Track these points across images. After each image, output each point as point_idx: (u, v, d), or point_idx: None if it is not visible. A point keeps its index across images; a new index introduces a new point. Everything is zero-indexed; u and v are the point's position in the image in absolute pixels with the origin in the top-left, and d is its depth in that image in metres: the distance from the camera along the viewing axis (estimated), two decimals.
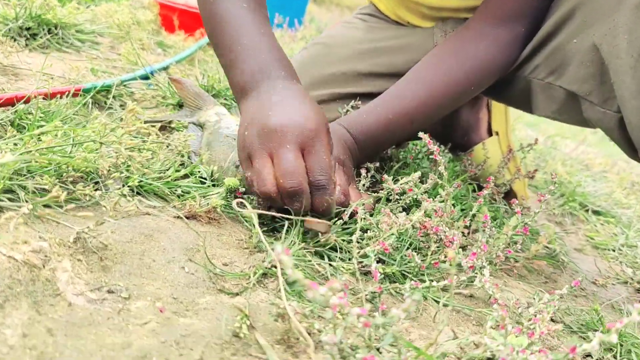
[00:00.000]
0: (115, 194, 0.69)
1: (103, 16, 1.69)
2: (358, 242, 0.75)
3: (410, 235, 0.81)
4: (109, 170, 0.76)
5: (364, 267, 0.73)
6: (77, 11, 1.52)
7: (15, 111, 0.82)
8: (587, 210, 1.57)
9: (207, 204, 0.74)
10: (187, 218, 0.73)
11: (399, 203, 0.91)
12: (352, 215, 0.80)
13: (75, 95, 0.97)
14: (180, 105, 1.10)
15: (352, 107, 1.04)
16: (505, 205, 1.20)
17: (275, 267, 0.65)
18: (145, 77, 1.21)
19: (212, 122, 0.96)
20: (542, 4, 0.94)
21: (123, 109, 1.07)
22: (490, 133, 1.41)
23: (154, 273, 0.59)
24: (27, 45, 1.35)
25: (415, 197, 0.91)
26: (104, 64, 1.36)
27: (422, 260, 0.75)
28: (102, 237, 0.61)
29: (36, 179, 0.64)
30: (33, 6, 1.40)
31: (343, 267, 0.70)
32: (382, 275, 0.72)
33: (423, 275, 0.75)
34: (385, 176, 0.88)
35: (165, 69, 1.31)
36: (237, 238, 0.73)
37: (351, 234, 0.80)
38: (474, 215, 0.94)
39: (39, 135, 0.67)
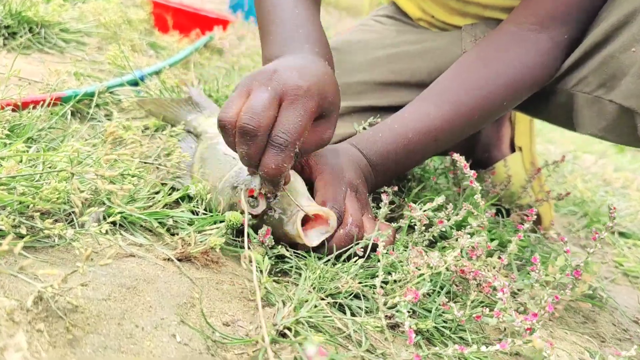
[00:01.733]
0: (93, 232, 0.56)
1: (91, 14, 1.56)
2: (382, 287, 0.63)
3: (443, 277, 0.69)
4: (85, 201, 0.63)
5: (391, 317, 0.61)
6: (62, 8, 1.39)
7: None
8: (613, 232, 1.45)
9: (204, 242, 0.62)
10: (180, 260, 0.61)
11: (424, 235, 0.78)
12: (373, 249, 0.67)
13: (53, 104, 0.84)
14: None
15: (370, 124, 0.92)
16: (537, 234, 1.08)
17: (290, 329, 0.53)
18: (135, 83, 1.08)
19: (211, 135, 0.83)
20: (591, 6, 0.82)
21: (109, 119, 0.94)
22: (512, 149, 1.30)
23: (137, 345, 0.46)
24: (5, 45, 1.21)
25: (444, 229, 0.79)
26: (90, 67, 1.22)
27: (460, 311, 0.63)
28: (72, 295, 0.48)
29: None
30: (13, 2, 1.27)
31: (369, 325, 0.57)
32: (415, 332, 0.59)
33: (463, 331, 0.63)
34: (412, 205, 0.76)
35: (157, 73, 1.18)
36: (240, 286, 0.60)
37: (373, 275, 0.67)
38: (503, 246, 0.82)
39: None
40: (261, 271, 0.58)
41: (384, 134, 0.81)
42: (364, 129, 0.91)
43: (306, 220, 0.67)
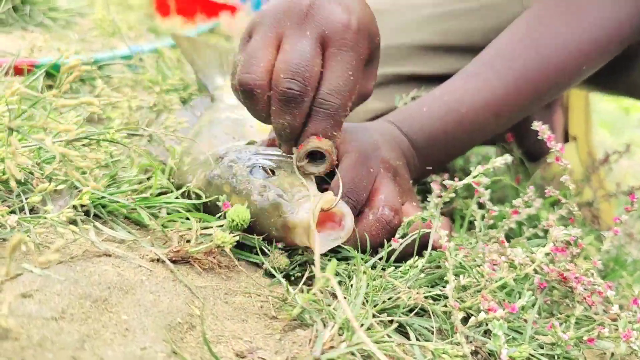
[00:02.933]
0: (50, 219, 0.39)
1: None
2: (457, 300, 0.45)
3: (531, 283, 0.51)
4: (50, 178, 0.46)
5: (470, 339, 0.43)
6: None
7: None
8: None
9: (209, 239, 0.44)
10: (174, 262, 0.43)
11: (487, 233, 0.60)
12: (423, 246, 0.50)
13: (19, 71, 0.67)
14: (183, 102, 0.80)
15: (412, 98, 0.74)
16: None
17: None
18: (128, 58, 0.92)
19: (223, 106, 0.66)
20: None
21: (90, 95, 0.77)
22: (566, 138, 1.12)
23: None
24: None
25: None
26: (80, 46, 1.06)
27: (565, 332, 0.45)
28: (4, 311, 0.31)
29: None
30: None
31: (447, 354, 0.39)
32: None
33: (570, 359, 0.45)
34: (481, 189, 0.58)
35: (155, 52, 1.02)
36: (258, 298, 0.43)
37: (432, 282, 0.50)
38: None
39: None
40: (289, 278, 0.40)
41: (430, 108, 0.63)
42: (405, 104, 0.74)
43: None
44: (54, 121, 0.34)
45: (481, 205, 0.60)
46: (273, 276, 0.45)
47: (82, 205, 0.46)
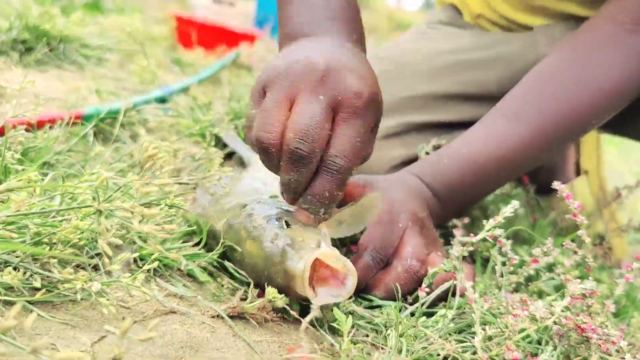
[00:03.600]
0: (125, 283, 0.44)
1: (112, 29, 1.47)
2: (485, 350, 0.50)
3: (550, 334, 0.55)
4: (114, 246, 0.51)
5: None
6: (82, 22, 1.29)
7: None
8: None
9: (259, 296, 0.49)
10: (232, 318, 0.48)
11: (509, 278, 0.65)
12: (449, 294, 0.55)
13: (72, 124, 0.72)
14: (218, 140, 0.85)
15: (434, 147, 0.78)
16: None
17: None
18: (162, 100, 0.97)
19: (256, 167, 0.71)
20: None
21: (134, 142, 0.82)
22: (578, 172, 1.16)
23: None
24: (20, 60, 1.11)
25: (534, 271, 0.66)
26: (112, 84, 1.12)
27: None
28: None
29: None
30: (30, 15, 1.18)
31: None
32: None
33: None
34: (502, 239, 0.62)
35: (185, 89, 1.07)
36: (310, 349, 0.47)
37: (459, 331, 0.55)
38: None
39: (4, 192, 0.42)
40: (340, 335, 0.45)
41: (449, 160, 0.68)
42: (427, 153, 0.79)
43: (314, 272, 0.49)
44: (140, 206, 0.39)
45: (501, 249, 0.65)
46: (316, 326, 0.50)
47: (141, 260, 0.51)
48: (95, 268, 0.49)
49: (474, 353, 0.52)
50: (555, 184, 0.60)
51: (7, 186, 0.40)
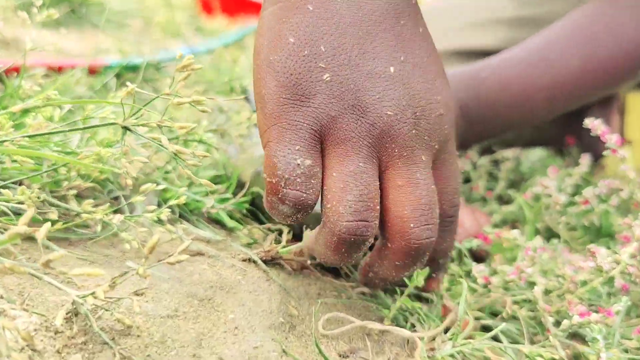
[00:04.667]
0: (149, 219, 0.40)
1: None
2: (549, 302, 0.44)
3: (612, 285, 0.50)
4: (137, 178, 0.47)
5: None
6: None
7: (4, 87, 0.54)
8: None
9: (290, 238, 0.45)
10: (265, 262, 0.44)
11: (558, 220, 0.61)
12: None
13: (93, 72, 0.68)
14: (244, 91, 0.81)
15: None
16: None
17: None
18: None
19: None
20: None
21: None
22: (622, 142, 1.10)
23: None
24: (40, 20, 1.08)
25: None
26: (135, 46, 1.08)
27: None
28: (122, 309, 0.32)
29: (4, 192, 0.35)
30: None
31: (542, 356, 0.39)
32: None
33: None
34: (547, 182, 0.57)
35: (210, 51, 1.03)
36: (349, 299, 0.43)
37: (507, 288, 0.50)
38: None
39: (20, 114, 0.38)
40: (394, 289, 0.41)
41: (489, 74, 0.60)
42: None
43: None
44: (168, 120, 0.35)
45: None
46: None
47: (165, 202, 0.47)
48: (118, 211, 0.45)
49: (531, 310, 0.47)
50: (587, 121, 0.54)
51: (24, 106, 0.36)
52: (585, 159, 0.65)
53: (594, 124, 0.54)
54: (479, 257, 0.54)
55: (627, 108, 1.10)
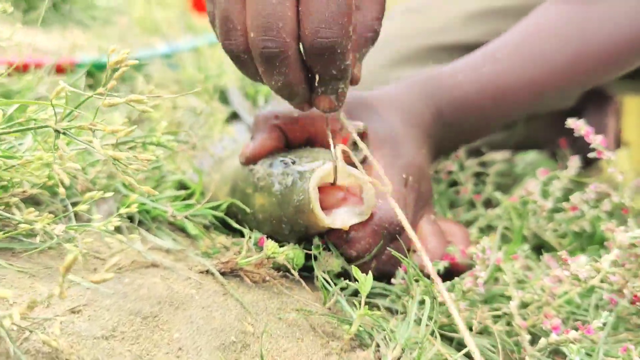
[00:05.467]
0: (97, 228, 0.37)
1: None
2: (523, 317, 0.42)
3: (600, 298, 0.48)
4: (94, 183, 0.45)
5: None
6: None
7: None
8: None
9: (256, 247, 0.42)
10: (223, 274, 0.41)
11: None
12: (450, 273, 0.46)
13: (61, 70, 0.66)
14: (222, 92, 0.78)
15: None
16: None
17: None
18: (167, 56, 0.90)
19: None
20: None
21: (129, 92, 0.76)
22: (618, 144, 1.08)
23: None
24: (23, 17, 1.05)
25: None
26: (119, 45, 1.05)
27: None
28: (51, 330, 0.29)
29: None
30: None
31: None
32: None
33: None
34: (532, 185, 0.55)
35: (194, 49, 1.00)
36: (312, 315, 0.40)
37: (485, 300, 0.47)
38: None
39: None
40: (356, 293, 0.38)
41: (466, 76, 0.57)
42: None
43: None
44: (101, 122, 0.32)
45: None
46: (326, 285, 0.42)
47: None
48: (69, 219, 0.42)
49: (508, 324, 0.44)
50: (570, 121, 0.52)
51: None
52: (574, 162, 0.62)
53: (577, 124, 0.51)
54: (460, 271, 0.51)
55: (626, 110, 1.08)
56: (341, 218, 0.41)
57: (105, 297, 0.34)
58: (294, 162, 0.43)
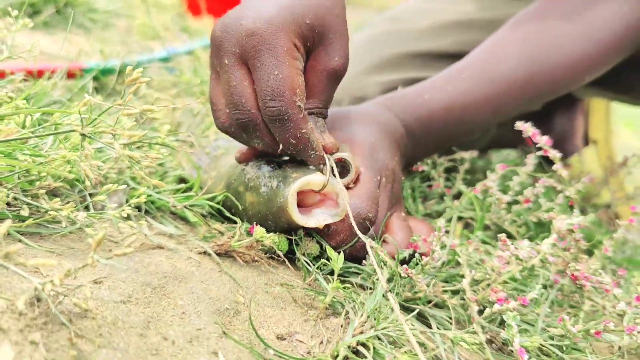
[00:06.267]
0: (112, 216, 0.44)
1: None
2: (474, 292, 0.49)
3: (547, 279, 0.55)
4: (106, 177, 0.51)
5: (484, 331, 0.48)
6: None
7: None
8: None
9: (246, 232, 0.49)
10: (219, 255, 0.48)
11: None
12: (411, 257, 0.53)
13: (71, 76, 0.73)
14: None
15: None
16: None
17: (365, 345, 0.40)
18: (165, 60, 0.97)
19: None
20: None
21: (136, 98, 0.83)
22: (587, 142, 1.15)
23: None
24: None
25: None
26: (118, 47, 1.12)
27: (575, 325, 0.49)
28: (80, 295, 0.36)
29: None
30: None
31: (464, 341, 0.44)
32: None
33: (578, 350, 0.49)
34: (491, 180, 0.62)
35: (190, 53, 1.07)
36: (294, 289, 0.47)
37: (444, 280, 0.54)
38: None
39: None
40: (332, 273, 0.45)
41: (431, 95, 0.64)
42: None
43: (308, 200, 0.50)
44: (121, 127, 0.39)
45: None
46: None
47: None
48: (87, 208, 0.49)
49: (462, 299, 0.51)
50: (518, 124, 0.59)
51: None
52: (531, 159, 0.69)
53: (524, 126, 0.58)
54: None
55: (591, 109, 1.15)
56: (316, 218, 0.48)
57: (120, 271, 0.41)
58: (280, 167, 0.51)
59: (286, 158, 0.53)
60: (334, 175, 0.49)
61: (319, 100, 0.50)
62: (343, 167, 0.52)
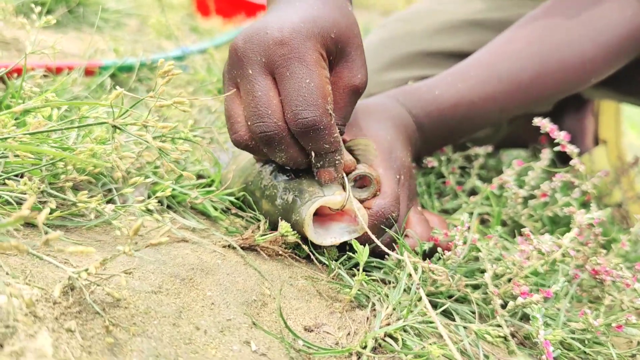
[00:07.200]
0: (137, 209, 0.45)
1: None
2: (496, 286, 0.49)
3: (566, 274, 0.55)
4: (128, 172, 0.52)
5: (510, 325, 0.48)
6: None
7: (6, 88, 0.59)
8: None
9: (266, 227, 0.50)
10: (243, 249, 0.48)
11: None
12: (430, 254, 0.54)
13: (89, 73, 0.73)
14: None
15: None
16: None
17: (392, 337, 0.40)
18: (180, 59, 0.97)
19: None
20: None
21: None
22: (597, 142, 1.15)
23: (200, 353, 0.34)
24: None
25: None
26: (131, 46, 1.12)
27: (596, 319, 0.49)
28: (113, 285, 0.36)
29: (8, 183, 0.40)
30: None
31: (488, 333, 0.44)
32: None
33: (600, 344, 0.49)
34: (507, 175, 0.62)
35: (203, 51, 1.07)
36: (320, 283, 0.48)
37: (466, 274, 0.54)
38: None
39: (21, 113, 0.42)
40: (356, 267, 0.46)
41: (442, 91, 0.64)
42: None
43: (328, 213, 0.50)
44: (152, 120, 0.39)
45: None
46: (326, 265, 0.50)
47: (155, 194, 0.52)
48: (110, 201, 0.50)
49: (484, 293, 0.52)
50: (536, 120, 0.59)
51: (25, 106, 0.41)
52: (546, 154, 0.70)
53: (542, 122, 0.59)
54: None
55: (601, 110, 1.15)
56: (333, 236, 0.48)
57: (148, 263, 0.41)
58: (296, 175, 0.51)
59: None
60: (351, 193, 0.49)
61: (339, 117, 0.50)
62: (361, 178, 0.52)
